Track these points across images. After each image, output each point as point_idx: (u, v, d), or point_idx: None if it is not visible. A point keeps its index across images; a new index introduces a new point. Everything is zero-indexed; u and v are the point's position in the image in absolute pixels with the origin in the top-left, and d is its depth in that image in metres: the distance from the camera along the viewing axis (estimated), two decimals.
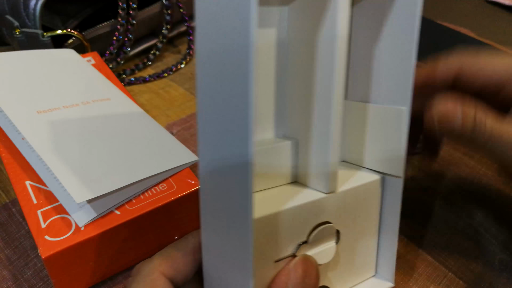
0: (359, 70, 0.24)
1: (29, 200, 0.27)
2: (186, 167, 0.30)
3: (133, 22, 0.47)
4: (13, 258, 0.31)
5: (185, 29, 0.54)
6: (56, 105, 0.32)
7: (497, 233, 0.34)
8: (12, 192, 0.35)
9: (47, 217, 0.26)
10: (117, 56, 0.48)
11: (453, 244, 0.33)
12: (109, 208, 0.27)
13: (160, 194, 0.28)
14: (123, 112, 0.34)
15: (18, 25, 0.41)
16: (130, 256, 0.30)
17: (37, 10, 0.41)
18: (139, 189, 0.28)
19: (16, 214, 0.33)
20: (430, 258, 0.32)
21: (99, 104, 0.34)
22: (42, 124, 0.30)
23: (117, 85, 0.37)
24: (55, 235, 0.25)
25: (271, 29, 0.22)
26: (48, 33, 0.41)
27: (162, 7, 0.49)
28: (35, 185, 0.28)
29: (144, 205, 0.27)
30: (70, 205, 0.27)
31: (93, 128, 0.31)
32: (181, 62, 0.51)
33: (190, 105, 0.46)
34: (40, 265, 0.30)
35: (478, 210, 0.36)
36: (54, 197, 0.27)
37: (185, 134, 0.42)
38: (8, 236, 0.32)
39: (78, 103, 0.33)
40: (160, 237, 0.30)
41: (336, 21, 0.19)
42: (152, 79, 0.49)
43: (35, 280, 0.29)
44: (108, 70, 0.40)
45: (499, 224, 0.35)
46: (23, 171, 0.29)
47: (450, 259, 0.32)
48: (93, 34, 0.45)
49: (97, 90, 0.36)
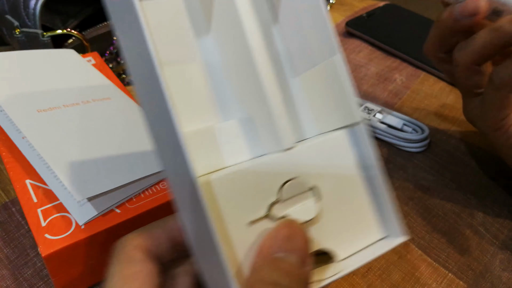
0: (293, 47, 0.25)
1: (29, 199, 0.27)
2: None
3: None
4: (12, 257, 0.31)
5: None
6: (56, 104, 0.32)
7: (498, 233, 0.34)
8: (12, 191, 0.35)
9: (47, 215, 0.26)
10: (117, 56, 0.48)
11: (453, 245, 0.33)
12: (110, 206, 0.27)
13: (161, 192, 0.28)
14: (123, 111, 0.34)
15: (18, 25, 0.41)
16: None
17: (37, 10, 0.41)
18: (140, 187, 0.28)
19: (16, 214, 0.33)
20: (430, 259, 0.32)
21: (99, 103, 0.34)
22: (42, 123, 0.30)
23: (117, 85, 0.37)
24: (55, 233, 0.25)
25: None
26: (48, 33, 0.41)
27: None
28: (35, 183, 0.28)
29: (145, 203, 0.27)
30: (70, 203, 0.27)
31: (93, 127, 0.31)
32: None
33: None
34: (40, 264, 0.30)
35: (478, 210, 0.36)
36: (54, 195, 0.27)
37: None
38: (8, 235, 0.32)
39: (78, 102, 0.33)
40: None
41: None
42: None
43: (35, 279, 0.29)
44: (108, 70, 0.40)
45: (500, 224, 0.35)
46: (23, 169, 0.29)
47: (450, 259, 0.32)
48: (93, 34, 0.45)
49: (97, 89, 0.36)
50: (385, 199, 0.23)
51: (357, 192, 0.23)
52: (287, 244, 0.18)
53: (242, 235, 0.19)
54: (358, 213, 0.23)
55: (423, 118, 0.45)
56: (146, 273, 0.20)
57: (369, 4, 0.65)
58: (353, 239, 0.22)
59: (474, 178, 0.38)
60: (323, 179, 0.22)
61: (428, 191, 0.37)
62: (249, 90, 0.22)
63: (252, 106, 0.22)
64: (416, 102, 0.47)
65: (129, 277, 0.20)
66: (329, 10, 0.64)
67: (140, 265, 0.20)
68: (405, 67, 0.53)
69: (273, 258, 0.18)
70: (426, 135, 0.41)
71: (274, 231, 0.19)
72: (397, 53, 0.54)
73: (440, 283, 0.30)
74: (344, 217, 0.23)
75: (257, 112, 0.22)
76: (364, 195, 0.23)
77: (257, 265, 0.18)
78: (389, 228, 0.23)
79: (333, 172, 0.23)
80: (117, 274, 0.20)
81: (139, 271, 0.20)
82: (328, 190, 0.22)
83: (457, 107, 0.47)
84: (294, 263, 0.18)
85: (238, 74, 0.23)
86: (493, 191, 0.37)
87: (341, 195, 0.23)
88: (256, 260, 0.18)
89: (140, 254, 0.20)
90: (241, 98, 0.23)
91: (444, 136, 0.43)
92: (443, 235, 0.34)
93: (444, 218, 0.35)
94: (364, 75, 0.50)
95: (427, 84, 0.50)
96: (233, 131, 0.23)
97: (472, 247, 0.33)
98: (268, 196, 0.20)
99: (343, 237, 0.22)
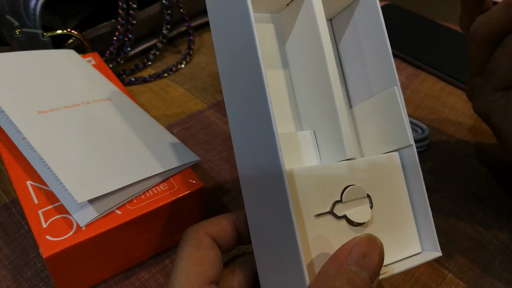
0: (354, 76, 0.29)
1: (30, 200, 0.27)
2: (187, 167, 0.30)
3: (133, 22, 0.47)
4: (12, 258, 0.31)
5: (185, 29, 0.54)
6: (56, 105, 0.32)
7: (498, 233, 0.34)
8: (12, 192, 0.35)
9: (48, 217, 0.26)
10: (117, 56, 0.48)
11: (453, 245, 0.33)
12: (110, 208, 0.27)
13: (161, 194, 0.28)
14: (123, 112, 0.34)
15: (18, 25, 0.41)
16: (131, 255, 0.30)
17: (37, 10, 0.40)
18: (140, 189, 0.28)
19: (16, 214, 0.33)
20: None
21: (99, 104, 0.34)
22: (43, 124, 0.30)
23: (117, 85, 0.37)
24: (56, 235, 0.25)
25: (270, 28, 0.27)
26: (48, 33, 0.41)
27: (162, 7, 0.49)
28: (36, 185, 0.28)
29: (145, 205, 0.27)
30: (71, 205, 0.27)
31: (94, 128, 0.31)
32: (181, 62, 0.51)
33: (190, 105, 0.46)
34: (40, 265, 0.30)
35: (478, 210, 0.36)
36: (55, 197, 0.27)
37: (185, 134, 0.42)
38: (8, 236, 0.32)
39: (78, 103, 0.33)
40: (161, 236, 0.30)
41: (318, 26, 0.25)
42: (152, 79, 0.49)
43: (36, 280, 0.29)
44: (108, 70, 0.40)
45: (500, 224, 0.35)
46: (24, 171, 0.29)
47: (451, 259, 0.32)
48: (93, 34, 0.45)
49: (97, 90, 0.36)
50: (426, 218, 0.25)
51: (403, 206, 0.26)
52: (364, 261, 0.19)
53: (308, 223, 0.21)
54: (401, 225, 0.25)
55: (423, 118, 0.45)
56: (213, 258, 0.22)
57: None
58: (393, 249, 0.24)
59: (474, 178, 0.38)
60: (376, 190, 0.25)
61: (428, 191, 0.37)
62: (324, 107, 0.25)
63: (324, 120, 0.25)
64: (416, 102, 0.47)
65: (198, 260, 0.22)
66: None
67: (208, 250, 0.22)
68: (405, 67, 0.53)
69: (348, 270, 0.19)
70: (426, 135, 0.41)
71: (356, 243, 0.19)
72: (397, 53, 0.54)
73: (440, 283, 0.30)
74: (388, 227, 0.25)
75: (328, 126, 0.25)
76: (407, 210, 0.26)
77: (332, 272, 0.19)
78: (426, 244, 0.25)
79: (384, 185, 0.25)
80: (187, 256, 0.22)
81: (207, 255, 0.22)
82: (378, 201, 0.25)
83: (457, 107, 0.47)
84: (366, 279, 0.19)
85: (315, 92, 0.26)
86: (493, 191, 0.37)
87: (389, 207, 0.25)
88: (331, 265, 0.19)
89: (209, 240, 0.23)
90: (313, 112, 0.26)
91: (444, 136, 0.43)
92: (443, 235, 0.34)
93: (444, 218, 0.35)
94: None
95: (427, 84, 0.50)
96: (308, 139, 0.26)
97: (472, 247, 0.33)
98: (332, 196, 0.23)
99: (386, 246, 0.24)
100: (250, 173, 0.23)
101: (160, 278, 0.30)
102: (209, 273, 0.22)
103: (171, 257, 0.32)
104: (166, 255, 0.32)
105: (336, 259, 0.19)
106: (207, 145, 0.41)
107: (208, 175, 0.38)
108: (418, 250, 0.25)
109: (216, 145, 0.41)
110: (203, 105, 0.46)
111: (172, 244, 0.32)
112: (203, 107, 0.45)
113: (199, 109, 0.45)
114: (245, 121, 0.23)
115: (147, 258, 0.31)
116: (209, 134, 0.42)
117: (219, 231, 0.23)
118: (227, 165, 0.39)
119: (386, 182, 0.25)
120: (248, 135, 0.23)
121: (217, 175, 0.38)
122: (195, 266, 0.21)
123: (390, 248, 0.24)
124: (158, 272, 0.31)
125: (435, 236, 0.25)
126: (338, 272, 0.18)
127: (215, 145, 0.41)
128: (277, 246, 0.21)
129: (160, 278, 0.30)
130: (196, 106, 0.46)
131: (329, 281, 0.18)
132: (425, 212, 0.25)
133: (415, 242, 0.25)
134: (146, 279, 0.30)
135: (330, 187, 0.23)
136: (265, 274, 0.23)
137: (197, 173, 0.38)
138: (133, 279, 0.30)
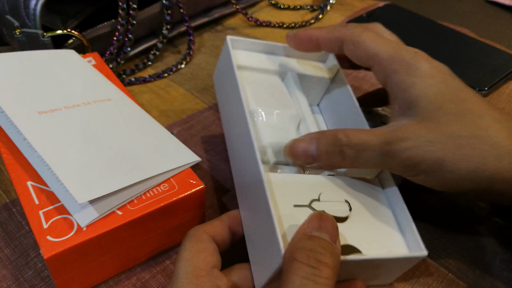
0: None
1: (31, 201, 0.27)
2: (188, 167, 0.30)
3: (133, 22, 0.47)
4: (13, 258, 0.31)
5: (185, 29, 0.54)
6: (57, 106, 0.32)
7: (498, 233, 0.34)
8: (12, 192, 0.35)
9: (49, 217, 0.26)
10: (117, 56, 0.48)
11: (453, 245, 0.33)
12: (111, 208, 0.27)
13: (162, 194, 0.28)
14: (124, 113, 0.34)
15: (18, 25, 0.41)
16: (131, 256, 0.30)
17: (37, 10, 0.40)
18: (141, 189, 0.28)
19: (16, 214, 0.33)
20: (430, 259, 0.32)
21: (100, 104, 0.34)
22: (43, 124, 0.30)
23: (117, 86, 0.37)
24: (57, 235, 0.25)
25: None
26: (48, 33, 0.41)
27: (162, 7, 0.49)
28: (37, 185, 0.28)
29: (146, 205, 0.27)
30: (72, 205, 0.27)
31: (94, 129, 0.31)
32: (181, 62, 0.51)
33: (190, 106, 0.46)
34: (40, 265, 0.30)
35: (478, 210, 0.36)
36: (56, 197, 0.27)
37: (186, 134, 0.42)
38: (8, 236, 0.32)
39: (79, 103, 0.33)
40: (162, 237, 0.30)
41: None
42: (152, 79, 0.49)
43: (36, 280, 0.29)
44: (108, 70, 0.40)
45: (500, 223, 0.35)
46: (24, 171, 0.29)
47: (451, 259, 0.32)
48: (93, 34, 0.45)
49: (98, 91, 0.35)
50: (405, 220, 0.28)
51: (382, 212, 0.29)
52: (320, 226, 0.23)
53: (288, 211, 0.26)
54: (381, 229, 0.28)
55: None
56: (212, 249, 0.26)
57: (369, 4, 0.65)
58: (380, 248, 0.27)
59: None
60: (354, 198, 0.29)
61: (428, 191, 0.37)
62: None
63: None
64: None
65: (199, 250, 0.26)
66: (329, 10, 0.64)
67: (207, 243, 0.26)
68: None
69: (310, 235, 0.23)
70: None
71: (310, 217, 0.24)
72: None
73: (440, 283, 0.30)
74: (368, 230, 0.27)
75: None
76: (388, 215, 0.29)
77: (297, 239, 0.23)
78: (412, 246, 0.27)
79: (364, 195, 0.29)
80: (190, 248, 0.26)
81: (207, 246, 0.26)
82: (358, 207, 0.28)
83: None
84: (327, 239, 0.23)
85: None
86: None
87: (368, 214, 0.28)
88: (296, 236, 0.23)
89: (207, 236, 0.27)
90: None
91: None
92: (443, 235, 0.34)
93: (444, 218, 0.35)
94: (364, 75, 0.50)
95: None
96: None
97: (472, 247, 0.33)
98: (311, 197, 0.28)
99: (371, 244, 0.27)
100: (241, 180, 0.29)
101: (161, 278, 0.30)
102: (209, 259, 0.25)
103: (172, 257, 0.32)
104: (167, 256, 0.32)
105: (299, 231, 0.23)
106: (207, 145, 0.41)
107: (208, 175, 0.38)
108: (400, 250, 0.27)
109: (216, 145, 0.41)
110: (203, 105, 0.46)
111: (173, 245, 0.32)
112: (203, 107, 0.45)
113: (199, 109, 0.45)
114: (237, 151, 0.31)
115: (147, 258, 0.31)
116: (209, 134, 0.42)
117: (215, 230, 0.27)
118: (227, 165, 0.39)
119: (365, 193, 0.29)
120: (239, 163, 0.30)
121: (217, 175, 0.38)
122: (197, 254, 0.25)
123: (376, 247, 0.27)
124: (159, 272, 0.31)
125: (416, 235, 0.27)
126: (303, 237, 0.23)
127: (215, 145, 0.41)
128: (261, 230, 0.25)
129: (161, 279, 0.30)
130: (196, 106, 0.46)
131: (297, 244, 0.23)
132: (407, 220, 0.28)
133: (402, 246, 0.27)
134: (147, 280, 0.30)
135: (308, 191, 0.28)
136: (253, 257, 0.27)
137: (197, 173, 0.38)
138: (134, 279, 0.30)
